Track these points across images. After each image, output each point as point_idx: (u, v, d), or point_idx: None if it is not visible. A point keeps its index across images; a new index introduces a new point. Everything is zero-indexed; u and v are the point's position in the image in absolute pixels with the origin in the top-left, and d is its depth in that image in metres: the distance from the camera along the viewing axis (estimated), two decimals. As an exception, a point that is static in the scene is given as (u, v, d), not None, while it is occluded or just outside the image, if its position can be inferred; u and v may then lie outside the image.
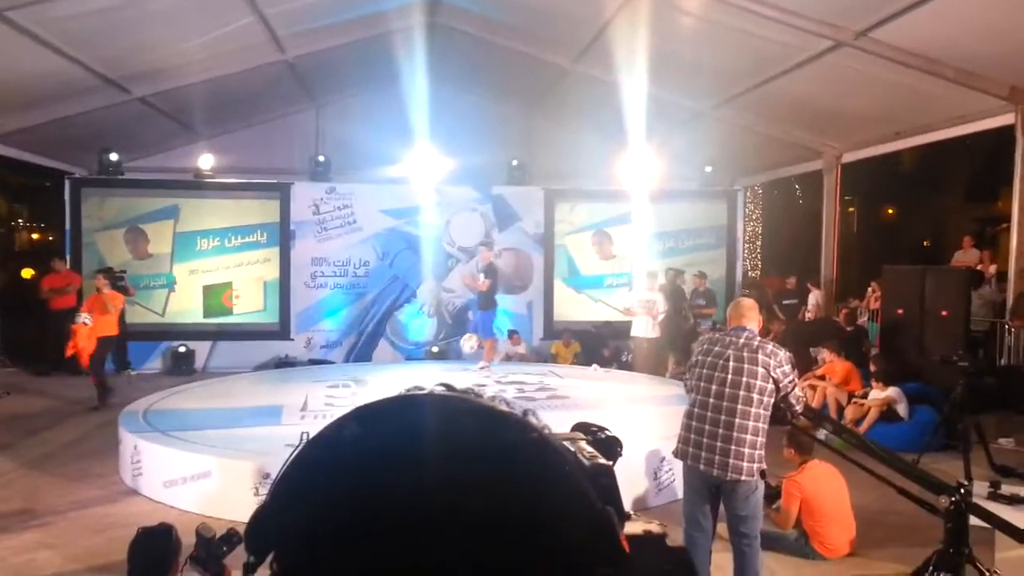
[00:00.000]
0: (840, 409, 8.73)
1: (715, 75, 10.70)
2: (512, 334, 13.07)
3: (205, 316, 13.14)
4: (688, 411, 4.06)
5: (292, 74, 12.12)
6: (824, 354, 9.79)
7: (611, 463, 1.60)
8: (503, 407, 0.71)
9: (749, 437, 3.81)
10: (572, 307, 13.96)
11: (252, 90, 12.26)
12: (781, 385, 3.85)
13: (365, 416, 0.67)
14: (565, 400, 8.48)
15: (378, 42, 11.49)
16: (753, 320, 4.11)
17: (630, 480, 5.95)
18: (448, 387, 0.78)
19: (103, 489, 6.40)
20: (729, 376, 3.87)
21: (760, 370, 3.84)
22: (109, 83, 10.15)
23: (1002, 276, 10.85)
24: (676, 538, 3.73)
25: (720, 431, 3.85)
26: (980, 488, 4.57)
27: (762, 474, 3.89)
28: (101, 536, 5.34)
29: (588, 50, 10.93)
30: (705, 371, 3.98)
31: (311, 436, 0.93)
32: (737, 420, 3.81)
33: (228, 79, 11.09)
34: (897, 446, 7.59)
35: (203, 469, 5.87)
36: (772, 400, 3.85)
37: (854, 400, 8.61)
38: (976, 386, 7.17)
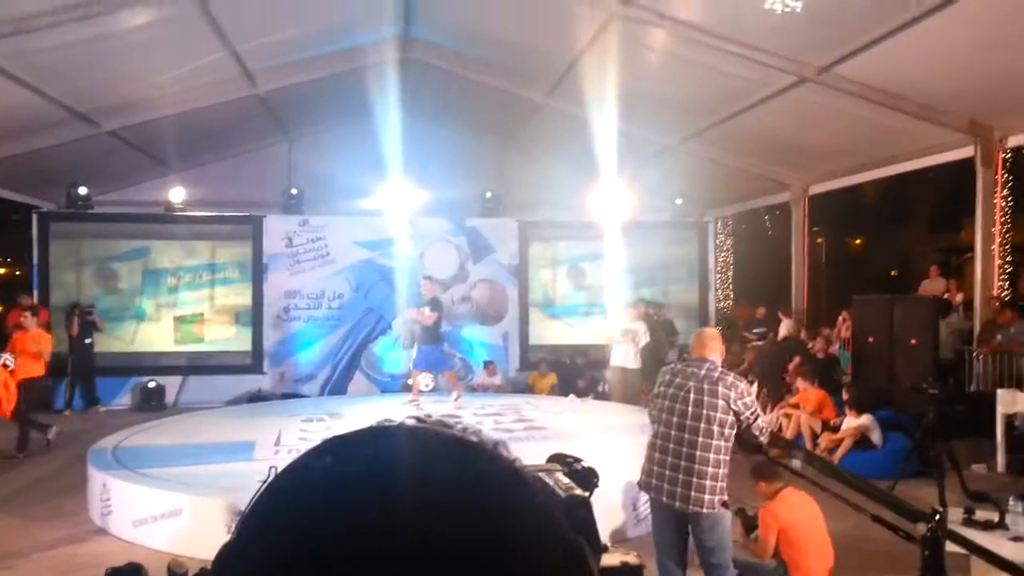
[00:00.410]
0: (815, 437, 8.80)
1: (682, 110, 10.90)
2: (488, 365, 13.04)
3: (176, 344, 12.96)
4: (651, 442, 4.08)
5: (264, 108, 12.13)
6: (798, 383, 9.88)
7: (588, 494, 1.60)
8: (474, 438, 0.71)
9: (711, 469, 3.83)
10: (547, 332, 13.97)
11: (224, 123, 12.24)
12: (742, 417, 3.87)
13: (334, 448, 0.67)
14: (543, 431, 8.45)
15: (351, 77, 11.56)
16: (716, 351, 4.12)
17: (608, 511, 5.93)
18: (418, 419, 0.79)
19: (71, 528, 6.25)
20: (690, 408, 3.89)
21: (720, 402, 3.86)
22: (78, 116, 10.08)
23: (968, 304, 11.06)
24: (652, 570, 3.73)
25: (682, 463, 3.86)
26: (955, 514, 4.62)
27: (724, 505, 3.91)
28: (68, 577, 5.20)
29: (559, 85, 11.09)
30: (667, 402, 4.00)
31: (279, 470, 0.93)
32: (698, 452, 3.83)
33: (199, 113, 11.06)
34: (871, 473, 7.66)
35: (174, 507, 5.75)
36: (733, 432, 3.88)
37: (826, 432, 8.69)
38: (947, 413, 7.28)
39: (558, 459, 1.82)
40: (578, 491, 1.52)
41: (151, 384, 12.43)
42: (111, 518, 6.18)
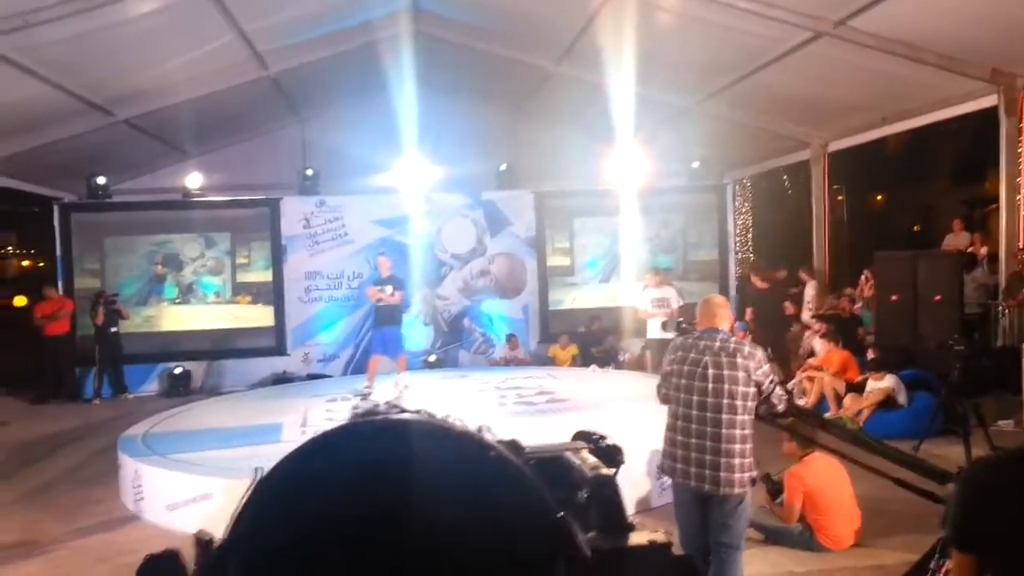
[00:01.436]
0: (839, 399, 8.75)
1: (698, 70, 10.73)
2: (510, 338, 13.06)
3: (202, 326, 13.14)
4: (670, 424, 3.87)
5: (276, 89, 12.11)
6: (820, 344, 9.82)
7: (614, 472, 1.60)
8: (459, 425, 0.71)
9: (738, 447, 3.67)
10: (566, 300, 13.93)
11: (237, 107, 12.25)
12: (764, 387, 3.70)
13: (322, 445, 0.67)
14: (565, 403, 8.48)
15: (361, 53, 11.49)
16: (725, 319, 3.94)
17: (633, 481, 5.95)
18: (400, 409, 0.78)
19: (105, 516, 6.37)
20: (710, 385, 3.68)
21: (741, 374, 3.67)
22: (93, 107, 10.12)
23: (993, 257, 10.87)
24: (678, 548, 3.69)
25: (708, 443, 3.67)
26: (982, 472, 4.58)
27: (752, 481, 3.78)
28: (105, 565, 5.32)
29: (570, 51, 10.95)
30: (684, 381, 3.78)
31: (266, 471, 0.93)
32: (724, 431, 3.65)
33: (212, 97, 11.06)
34: (897, 433, 7.64)
35: (205, 491, 5.85)
36: (755, 404, 3.70)
37: (851, 393, 8.63)
38: (973, 369, 7.20)
39: (583, 436, 1.81)
40: (603, 470, 1.51)
41: (178, 370, 12.59)
42: (144, 503, 6.30)
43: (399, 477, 0.63)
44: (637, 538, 1.38)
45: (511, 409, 8.33)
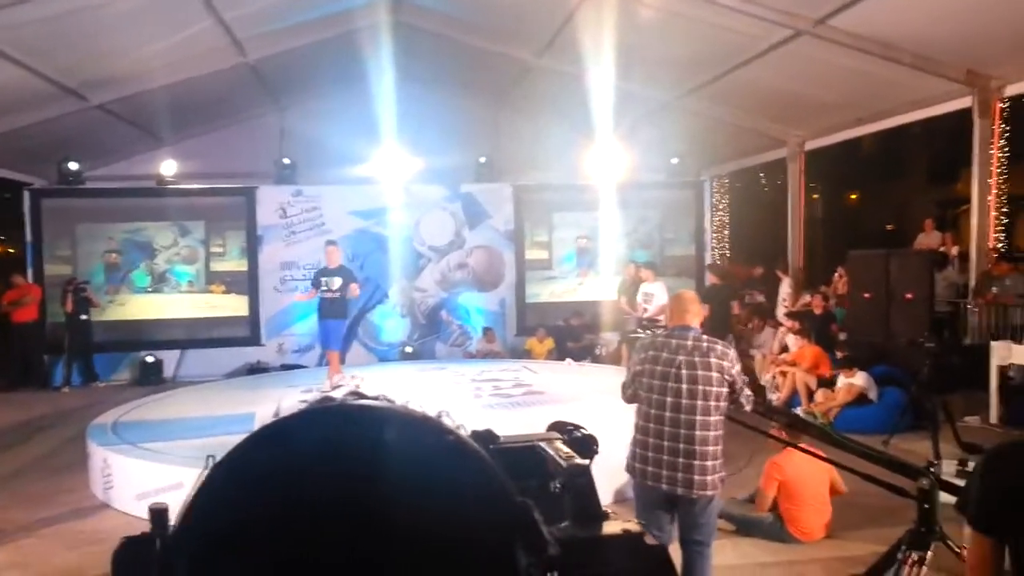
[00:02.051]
0: (811, 394, 8.85)
1: (678, 65, 10.76)
2: (487, 331, 13.07)
3: (173, 314, 13.00)
4: (640, 425, 3.76)
5: (255, 76, 11.98)
6: (793, 340, 9.92)
7: (588, 461, 1.60)
8: (419, 411, 0.70)
9: (711, 448, 3.60)
10: (543, 294, 13.94)
11: (214, 94, 12.11)
12: (736, 387, 3.64)
13: (278, 431, 0.65)
14: (541, 395, 8.50)
15: (341, 42, 11.40)
16: (697, 315, 3.84)
17: (609, 472, 5.93)
18: (359, 395, 0.77)
19: (74, 505, 6.29)
20: (684, 385, 3.59)
21: (714, 374, 3.60)
22: (66, 91, 9.96)
23: (964, 256, 11.04)
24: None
25: (681, 445, 3.58)
26: (949, 467, 4.67)
27: (722, 481, 3.71)
28: (74, 552, 5.26)
29: (551, 44, 10.94)
30: (657, 381, 3.67)
31: (218, 458, 0.91)
32: (698, 432, 3.57)
33: (189, 83, 10.92)
34: (867, 428, 7.75)
35: (175, 480, 5.77)
36: (726, 404, 3.64)
37: (823, 388, 8.73)
38: (942, 366, 7.31)
39: (558, 427, 1.81)
40: (578, 460, 1.52)
41: (149, 359, 12.45)
42: (113, 492, 6.23)
43: (357, 461, 0.62)
44: (611, 527, 1.38)
45: (487, 401, 8.33)
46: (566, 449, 1.57)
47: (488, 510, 0.75)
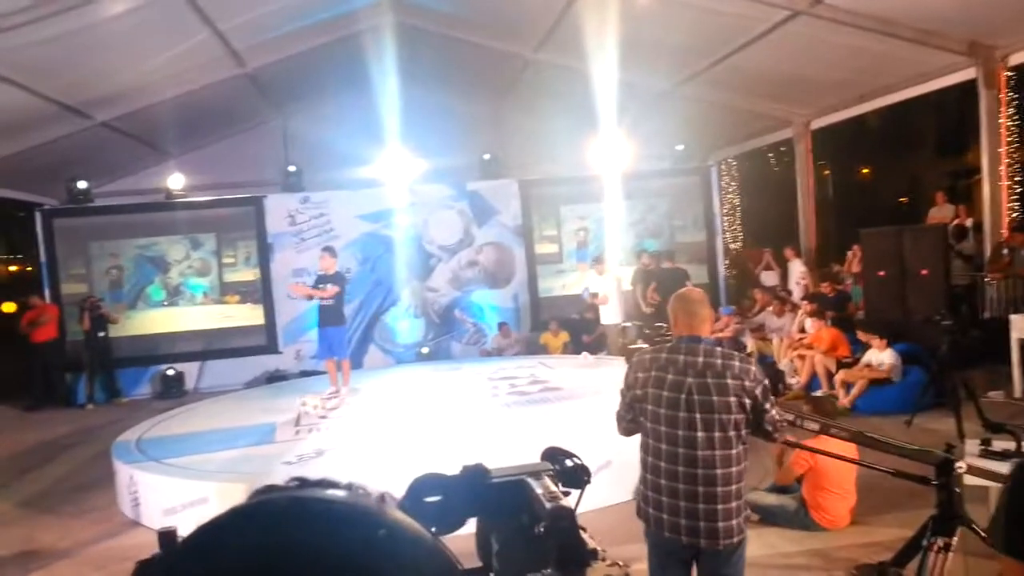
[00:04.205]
0: (830, 376, 8.79)
1: (677, 52, 10.71)
2: (502, 327, 13.07)
3: (192, 326, 13.07)
4: (650, 463, 3.05)
5: (255, 85, 12.02)
6: (810, 323, 9.86)
7: (573, 502, 1.59)
8: (354, 499, 0.67)
9: (734, 488, 2.95)
10: (555, 288, 13.92)
11: (216, 105, 12.16)
12: (759, 408, 2.96)
13: (209, 535, 0.63)
14: (558, 392, 8.49)
15: (340, 46, 11.42)
16: (707, 320, 3.17)
17: (625, 467, 5.96)
18: (302, 481, 0.73)
19: (103, 523, 6.35)
20: (698, 416, 2.92)
21: (733, 399, 2.92)
22: (69, 110, 10.04)
23: (978, 227, 10.93)
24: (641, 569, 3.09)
25: (700, 489, 2.92)
26: (972, 446, 4.63)
27: (747, 520, 3.10)
28: (103, 571, 5.31)
29: (548, 38, 10.91)
30: (664, 410, 2.98)
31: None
32: (719, 472, 2.91)
33: (190, 96, 10.98)
34: (889, 408, 7.71)
35: (201, 495, 5.83)
36: (748, 431, 3.00)
37: (842, 369, 8.65)
38: (961, 342, 7.25)
39: (550, 456, 1.79)
40: (563, 501, 1.51)
41: (170, 372, 12.55)
42: (141, 509, 6.29)
43: (281, 569, 0.59)
44: (594, 574, 1.37)
45: (505, 400, 8.33)
46: (552, 488, 1.54)
47: None
